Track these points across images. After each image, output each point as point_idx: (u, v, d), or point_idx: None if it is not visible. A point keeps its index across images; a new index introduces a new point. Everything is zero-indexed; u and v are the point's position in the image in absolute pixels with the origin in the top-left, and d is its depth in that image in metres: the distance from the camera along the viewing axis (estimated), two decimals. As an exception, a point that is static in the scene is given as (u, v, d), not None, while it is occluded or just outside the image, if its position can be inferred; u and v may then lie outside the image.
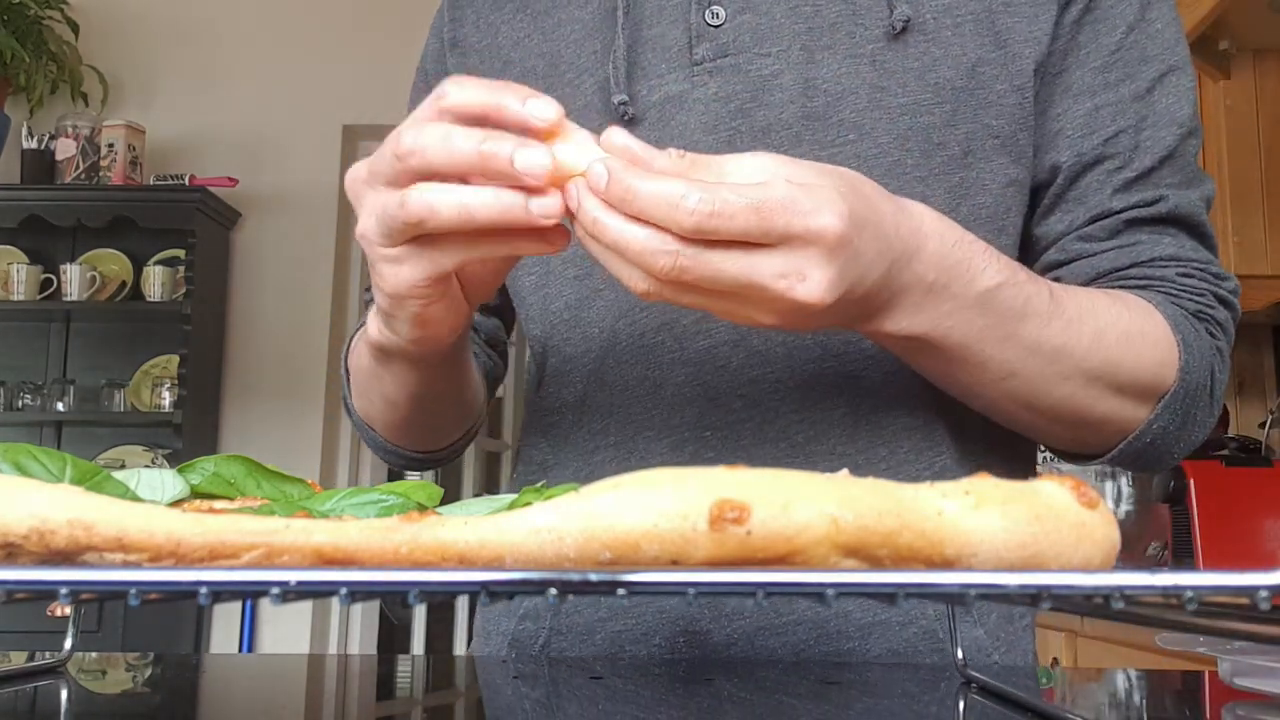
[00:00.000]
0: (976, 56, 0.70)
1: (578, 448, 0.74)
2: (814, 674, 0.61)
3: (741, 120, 0.70)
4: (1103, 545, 0.33)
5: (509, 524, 0.31)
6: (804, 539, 0.30)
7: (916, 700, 0.55)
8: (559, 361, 0.76)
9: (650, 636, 0.70)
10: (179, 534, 0.30)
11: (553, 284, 0.76)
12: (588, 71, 0.75)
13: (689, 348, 0.70)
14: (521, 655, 0.74)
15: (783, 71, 0.70)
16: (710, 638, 0.68)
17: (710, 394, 0.69)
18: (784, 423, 0.69)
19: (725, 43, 0.71)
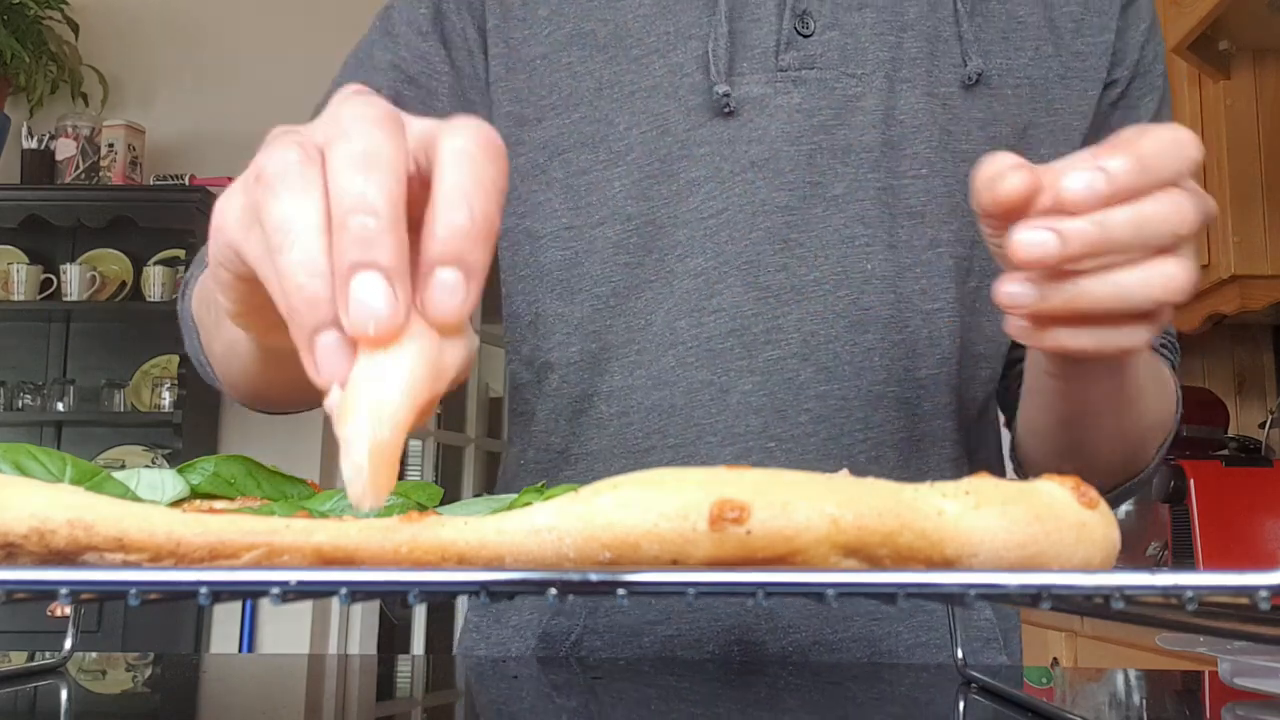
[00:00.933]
0: (1029, 119, 0.73)
1: (626, 444, 0.72)
2: (815, 674, 0.61)
3: (824, 136, 0.70)
4: (1103, 545, 0.33)
5: (509, 524, 0.31)
6: (804, 539, 0.30)
7: (916, 700, 0.55)
8: (598, 348, 0.73)
9: (703, 643, 0.69)
10: (179, 534, 0.30)
11: (594, 264, 0.73)
12: (657, 52, 0.72)
13: (758, 356, 0.69)
14: (551, 651, 0.72)
15: (866, 95, 0.71)
16: (765, 649, 0.68)
17: (778, 405, 0.69)
18: (848, 440, 0.69)
19: (813, 55, 0.71)
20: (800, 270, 0.69)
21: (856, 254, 0.70)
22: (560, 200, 0.74)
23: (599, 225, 0.72)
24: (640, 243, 0.71)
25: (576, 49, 0.73)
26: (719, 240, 0.70)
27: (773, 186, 0.70)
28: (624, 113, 0.72)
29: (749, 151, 0.70)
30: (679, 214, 0.71)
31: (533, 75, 0.74)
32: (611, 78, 0.72)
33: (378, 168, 0.33)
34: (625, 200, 0.71)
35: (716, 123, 0.70)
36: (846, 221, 0.70)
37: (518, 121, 0.75)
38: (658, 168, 0.71)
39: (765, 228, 0.69)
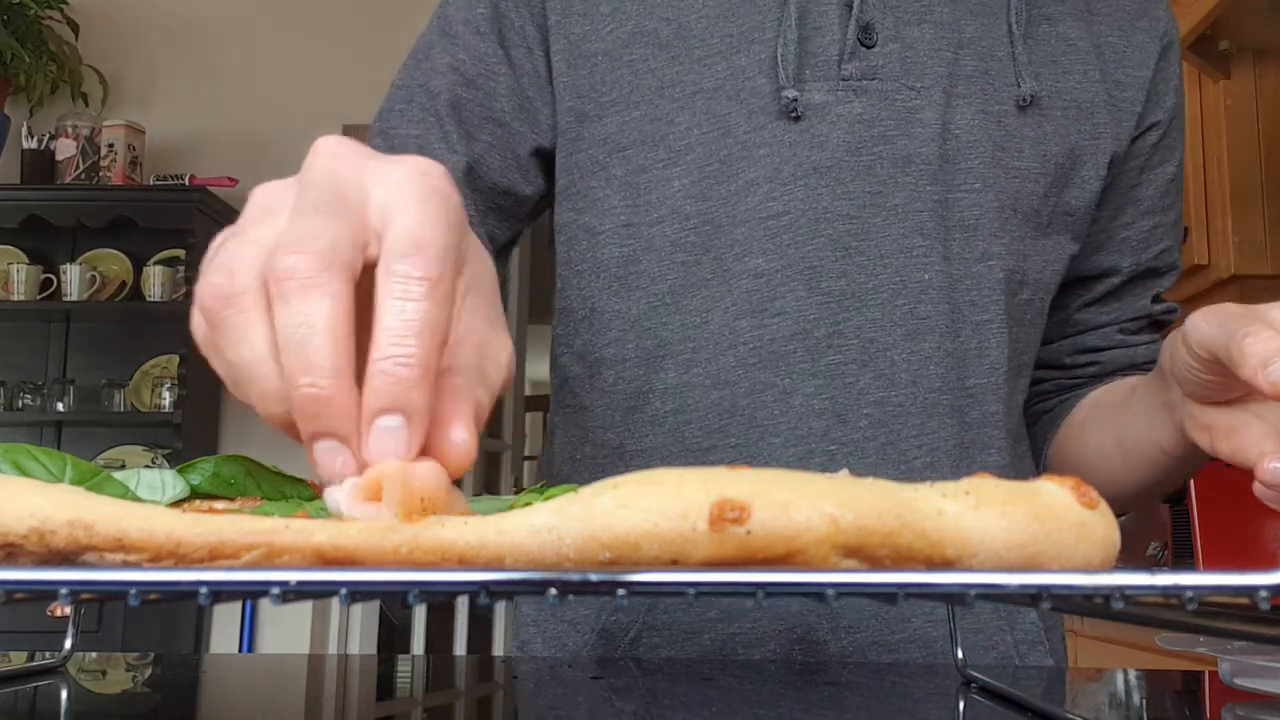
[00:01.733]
0: (1075, 141, 0.76)
1: (684, 442, 0.72)
2: (815, 674, 0.61)
3: (884, 147, 0.71)
4: (1103, 545, 0.33)
5: (509, 524, 0.31)
6: (804, 539, 0.30)
7: (916, 700, 0.55)
8: (653, 345, 0.73)
9: (764, 641, 0.70)
10: (179, 534, 0.30)
11: (651, 262, 0.74)
12: (720, 54, 0.73)
13: (820, 361, 0.70)
14: (609, 648, 0.73)
15: (924, 108, 0.72)
16: (827, 648, 0.69)
17: (839, 409, 0.70)
18: (905, 446, 0.70)
19: (875, 66, 0.72)
20: (860, 278, 0.71)
21: (914, 264, 0.71)
22: (619, 197, 0.74)
23: (657, 223, 0.73)
24: (698, 241, 0.72)
25: (639, 47, 0.74)
26: (780, 243, 0.71)
27: (834, 194, 0.71)
28: (685, 112, 0.72)
29: (810, 157, 0.71)
30: (737, 214, 0.71)
31: (594, 71, 0.75)
32: (673, 77, 0.73)
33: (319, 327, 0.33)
34: (684, 199, 0.72)
35: (777, 126, 0.71)
36: (905, 232, 0.71)
37: (579, 117, 0.75)
38: (717, 168, 0.72)
39: (827, 234, 0.71)
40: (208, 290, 0.35)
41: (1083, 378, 0.84)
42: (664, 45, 0.73)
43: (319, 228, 0.34)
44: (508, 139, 0.77)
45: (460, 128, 0.76)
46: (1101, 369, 0.84)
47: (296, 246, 0.34)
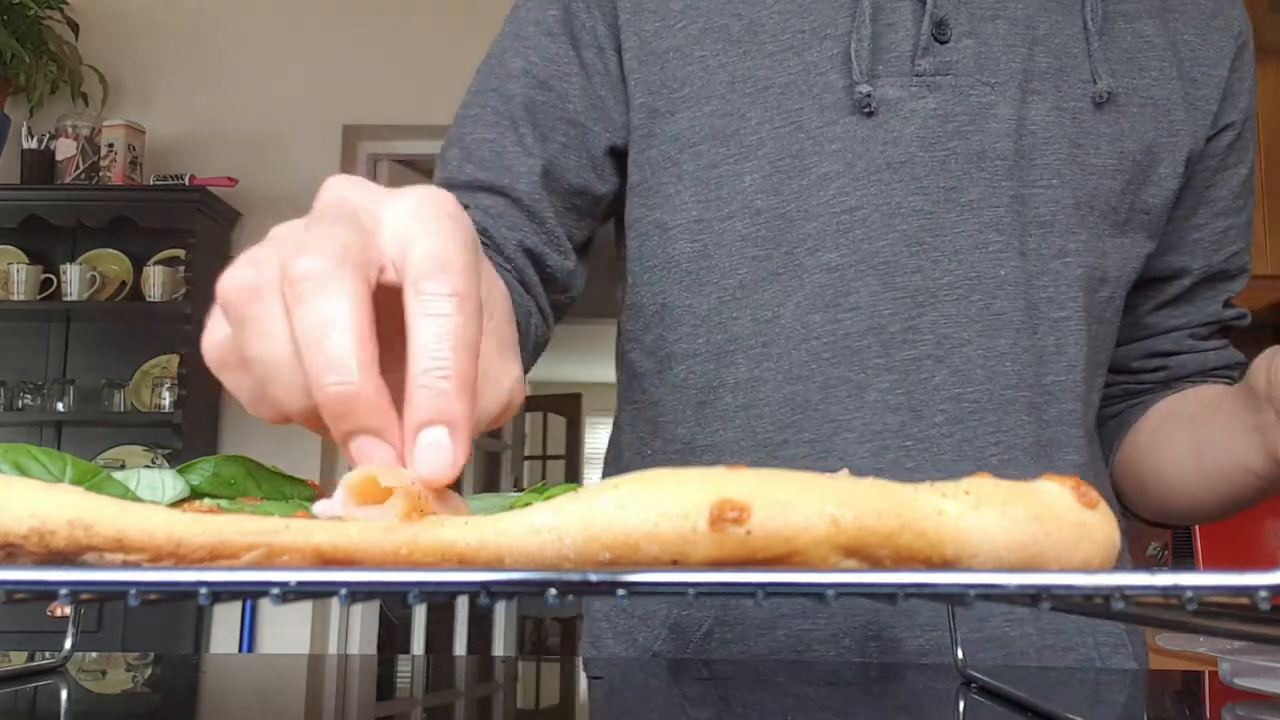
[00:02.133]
0: (1153, 138, 0.75)
1: (756, 437, 0.72)
2: (814, 674, 0.61)
3: (958, 142, 0.71)
4: (1103, 545, 0.33)
5: (509, 524, 0.31)
6: (804, 539, 0.30)
7: (916, 700, 0.55)
8: (724, 339, 0.73)
9: (839, 638, 0.70)
10: (179, 534, 0.30)
11: (722, 256, 0.74)
12: (792, 49, 0.73)
13: (894, 356, 0.70)
14: (681, 642, 0.72)
15: (999, 104, 0.72)
16: (903, 645, 0.69)
17: (914, 405, 0.70)
18: (981, 443, 0.70)
19: (949, 61, 0.72)
20: (934, 273, 0.71)
21: (989, 260, 0.71)
22: (690, 193, 0.75)
23: (728, 218, 0.73)
24: (769, 236, 0.72)
25: (710, 42, 0.74)
26: (853, 238, 0.71)
27: (908, 189, 0.71)
28: (756, 107, 0.73)
29: (884, 152, 0.71)
30: (809, 208, 0.72)
31: (665, 68, 0.75)
32: (745, 72, 0.73)
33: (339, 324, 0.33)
34: (755, 194, 0.73)
35: (850, 121, 0.71)
36: (980, 227, 0.71)
37: (650, 114, 0.76)
38: (789, 163, 0.72)
39: (901, 230, 0.71)
40: (232, 283, 0.35)
41: (1151, 383, 0.84)
42: (735, 41, 0.74)
43: (332, 234, 0.35)
44: (582, 139, 0.77)
45: (535, 130, 0.77)
46: (1170, 374, 0.83)
47: (310, 249, 0.34)
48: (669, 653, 0.73)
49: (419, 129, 3.44)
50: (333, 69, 3.38)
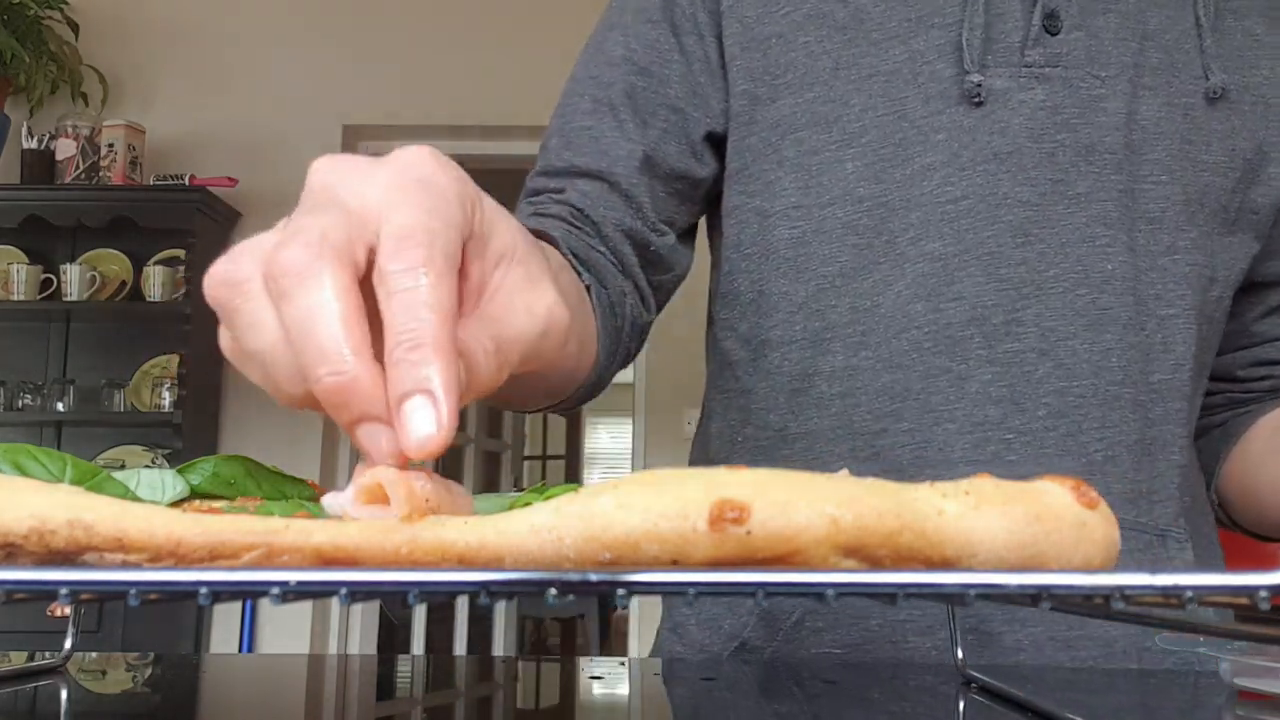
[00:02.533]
0: (1263, 137, 0.74)
1: (853, 425, 0.71)
2: (814, 674, 0.61)
3: (1066, 135, 0.71)
4: (1103, 545, 0.33)
5: (509, 524, 0.31)
6: (804, 539, 0.30)
7: (916, 700, 0.55)
8: (820, 326, 0.73)
9: (935, 630, 0.69)
10: (179, 534, 0.30)
11: (822, 244, 0.73)
12: (898, 37, 0.73)
13: (997, 348, 0.69)
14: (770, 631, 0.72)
15: (1109, 97, 0.71)
16: (1001, 640, 0.68)
17: (1016, 398, 0.69)
18: (1085, 438, 0.69)
19: (1059, 53, 0.71)
20: (1040, 265, 0.70)
21: (1097, 254, 0.70)
22: (791, 179, 0.74)
23: (829, 205, 0.73)
24: (871, 224, 0.72)
25: (814, 29, 0.74)
26: (958, 227, 0.70)
27: (1015, 180, 0.70)
28: (860, 94, 0.72)
29: (991, 143, 0.71)
30: (912, 198, 0.71)
31: (768, 54, 0.75)
32: (849, 59, 0.73)
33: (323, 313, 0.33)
34: (857, 181, 0.72)
35: (956, 111, 0.71)
36: (1088, 221, 0.70)
37: (752, 100, 0.75)
38: (892, 151, 0.72)
39: (1007, 220, 0.70)
40: (216, 278, 0.35)
41: (1257, 391, 0.83)
42: (840, 28, 0.73)
43: (309, 224, 0.35)
44: (682, 124, 0.77)
45: (636, 116, 0.77)
46: (1277, 384, 0.83)
47: (291, 241, 0.34)
48: (757, 641, 0.72)
49: (419, 129, 3.44)
50: (333, 69, 3.38)
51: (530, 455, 7.53)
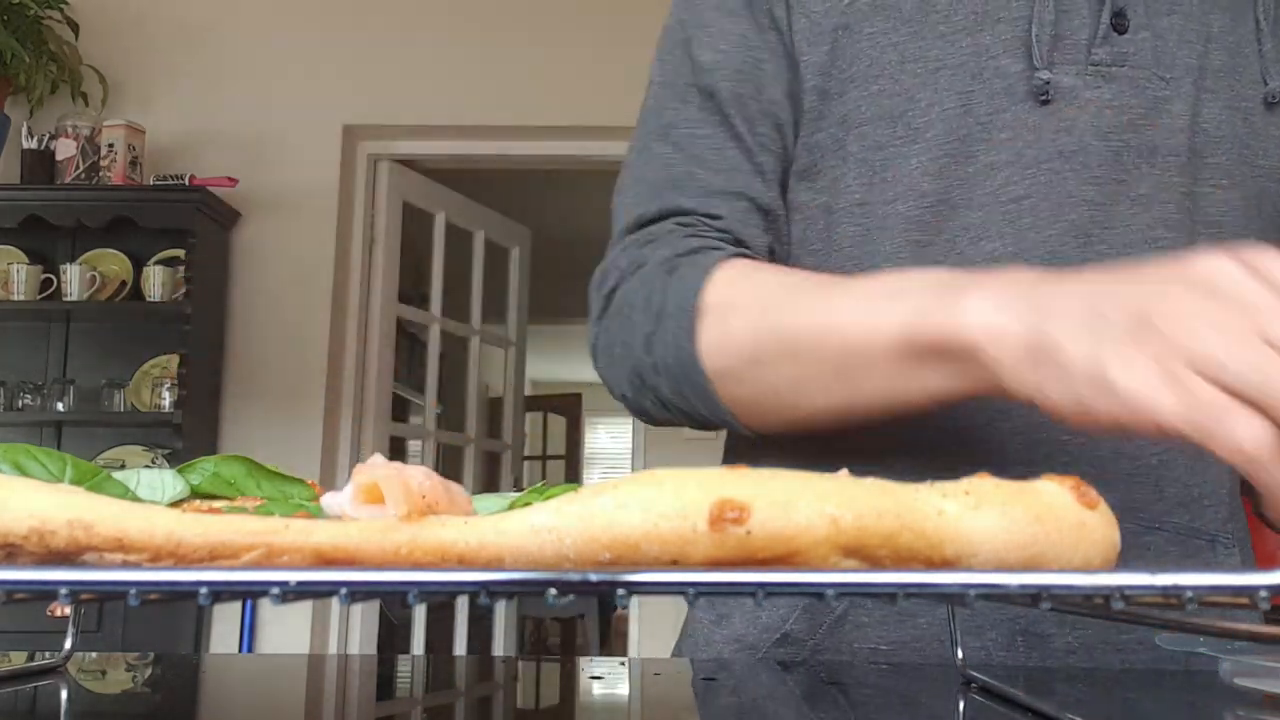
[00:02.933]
0: None
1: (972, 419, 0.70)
2: (814, 674, 0.61)
3: (1131, 134, 0.70)
4: (1103, 545, 0.33)
5: (509, 524, 0.31)
6: (804, 539, 0.30)
7: (916, 700, 0.55)
8: None
9: (984, 630, 0.69)
10: (179, 534, 0.30)
11: (884, 240, 0.72)
12: (965, 30, 0.71)
13: None
14: (814, 624, 0.71)
15: (1174, 99, 0.71)
16: (1051, 642, 0.68)
17: None
18: (1142, 443, 0.68)
19: (1126, 53, 0.71)
20: (1101, 266, 0.70)
21: (1159, 255, 0.70)
22: (855, 175, 0.73)
23: (892, 202, 0.72)
24: (932, 221, 0.71)
25: (880, 20, 0.73)
26: (1020, 226, 0.70)
27: (1080, 179, 0.70)
28: (926, 89, 0.71)
29: (1056, 141, 0.70)
30: (974, 196, 0.70)
31: (834, 48, 0.73)
32: (915, 52, 0.72)
33: None
34: (921, 177, 0.71)
35: (1021, 108, 0.70)
36: (1151, 223, 0.70)
37: (821, 96, 0.74)
38: (956, 147, 0.71)
39: (1070, 220, 0.70)
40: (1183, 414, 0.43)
41: None
42: (906, 20, 0.72)
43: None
44: (778, 126, 0.75)
45: (749, 127, 0.75)
46: None
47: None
48: (800, 634, 0.72)
49: (419, 129, 3.44)
50: (333, 69, 3.38)
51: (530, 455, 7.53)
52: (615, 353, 0.72)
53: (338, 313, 3.35)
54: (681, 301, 0.67)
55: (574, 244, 5.69)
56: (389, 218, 3.51)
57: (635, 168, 0.78)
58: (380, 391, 3.45)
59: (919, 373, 0.57)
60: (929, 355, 0.56)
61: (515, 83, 3.36)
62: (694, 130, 0.75)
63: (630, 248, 0.74)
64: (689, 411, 0.69)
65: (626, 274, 0.72)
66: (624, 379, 0.72)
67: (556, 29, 3.39)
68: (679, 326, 0.67)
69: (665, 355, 0.68)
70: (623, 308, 0.71)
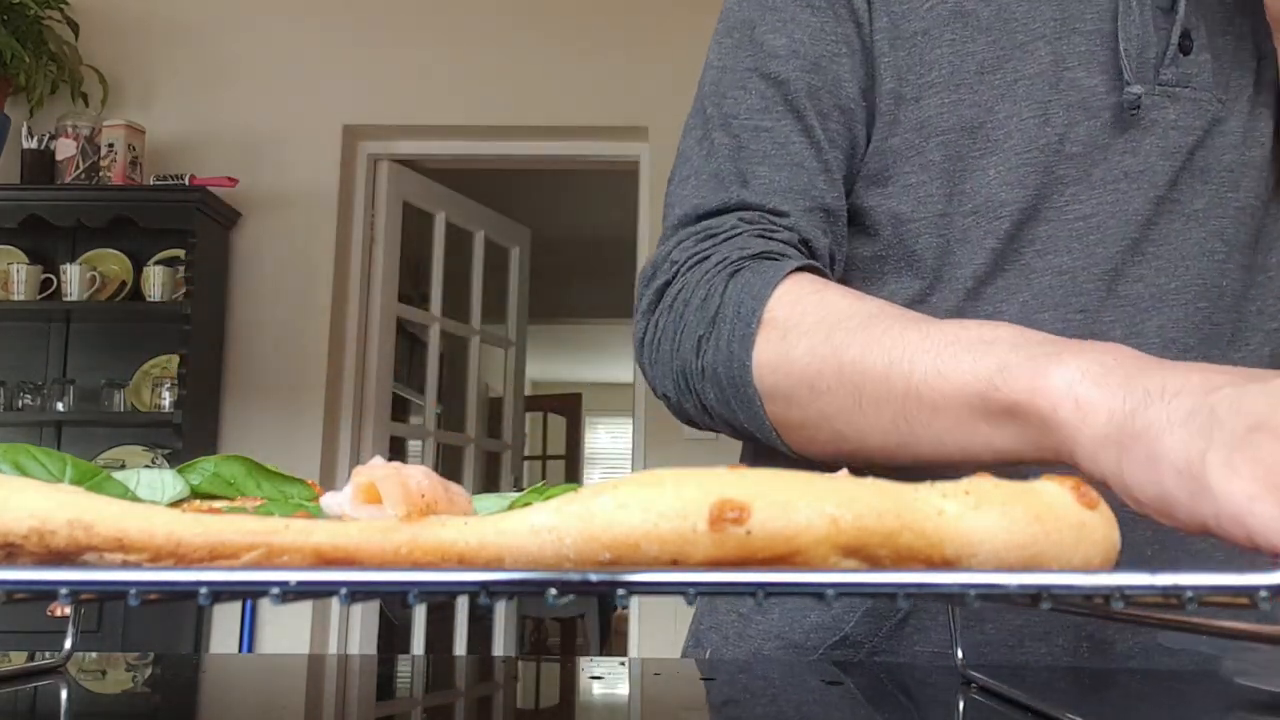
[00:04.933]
0: None
1: None
2: (815, 674, 0.61)
3: (1188, 155, 0.71)
4: (1103, 545, 0.33)
5: (509, 524, 0.31)
6: (804, 539, 0.30)
7: (916, 700, 0.55)
8: None
9: (1053, 636, 0.69)
10: (179, 534, 0.30)
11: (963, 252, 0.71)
12: (1043, 39, 0.71)
13: None
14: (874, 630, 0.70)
15: (1229, 119, 0.71)
16: (1114, 646, 0.69)
17: None
18: None
19: (1189, 73, 0.71)
20: (1159, 280, 0.70)
21: (1215, 268, 0.70)
22: (934, 184, 0.72)
23: (972, 214, 0.71)
24: (1006, 231, 0.71)
25: (959, 27, 0.71)
26: (1086, 243, 0.70)
27: (1143, 199, 0.70)
28: (1005, 101, 0.70)
29: (1122, 161, 0.70)
30: (1044, 210, 0.70)
31: (913, 51, 0.72)
32: (994, 62, 0.71)
33: None
34: (1000, 188, 0.71)
35: (1091, 125, 0.70)
36: (1206, 236, 0.70)
37: (897, 99, 0.73)
38: (1035, 158, 0.70)
39: (1131, 238, 0.70)
40: None
41: None
42: (985, 28, 0.71)
43: None
44: (850, 126, 0.74)
45: (823, 122, 0.73)
46: None
47: None
48: (859, 637, 0.71)
49: (419, 129, 3.44)
50: (333, 69, 3.38)
51: (530, 455, 7.54)
52: (662, 350, 0.70)
53: (338, 313, 3.35)
54: (742, 310, 0.64)
55: (574, 244, 5.71)
56: (389, 218, 3.51)
57: (694, 158, 0.75)
58: (380, 391, 3.45)
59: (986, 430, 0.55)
60: (1002, 415, 0.53)
61: (515, 83, 3.36)
62: (758, 121, 0.72)
63: (688, 241, 0.71)
64: (732, 422, 0.67)
65: (683, 269, 0.70)
66: (668, 379, 0.70)
67: (557, 29, 3.39)
68: (735, 335, 0.64)
69: (717, 362, 0.65)
70: (676, 304, 0.69)
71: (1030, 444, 0.53)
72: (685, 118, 0.78)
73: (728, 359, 0.64)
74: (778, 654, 0.73)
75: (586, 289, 6.36)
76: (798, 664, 0.67)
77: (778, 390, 0.63)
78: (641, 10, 3.35)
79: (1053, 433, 0.51)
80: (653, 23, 3.30)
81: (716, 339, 0.65)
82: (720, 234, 0.70)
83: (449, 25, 3.40)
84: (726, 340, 0.65)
